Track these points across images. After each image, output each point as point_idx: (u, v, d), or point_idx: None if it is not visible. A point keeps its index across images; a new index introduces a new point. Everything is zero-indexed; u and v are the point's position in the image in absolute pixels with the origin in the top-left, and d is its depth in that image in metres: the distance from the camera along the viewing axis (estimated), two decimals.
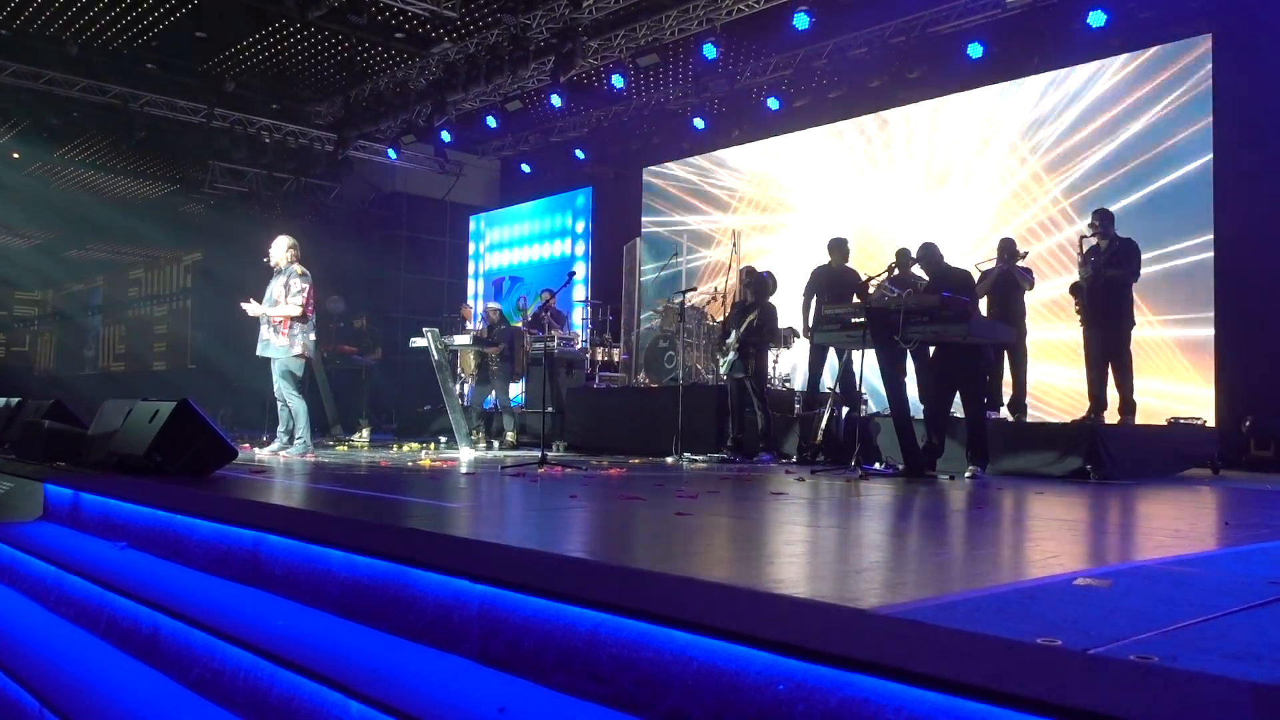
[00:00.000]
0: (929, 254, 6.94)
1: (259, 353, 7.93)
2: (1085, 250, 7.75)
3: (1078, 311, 7.89)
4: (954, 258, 7.47)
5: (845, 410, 8.02)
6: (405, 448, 10.06)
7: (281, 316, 7.76)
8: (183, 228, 18.02)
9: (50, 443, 5.80)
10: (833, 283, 8.67)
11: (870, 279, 7.02)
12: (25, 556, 4.21)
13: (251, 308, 7.87)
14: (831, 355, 8.85)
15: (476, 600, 2.25)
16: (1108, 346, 7.65)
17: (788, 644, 1.61)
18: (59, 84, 12.93)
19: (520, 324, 11.65)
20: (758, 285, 8.69)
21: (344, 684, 2.12)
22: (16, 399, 7.31)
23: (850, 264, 8.98)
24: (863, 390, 7.66)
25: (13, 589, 4.19)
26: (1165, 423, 8.58)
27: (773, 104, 12.59)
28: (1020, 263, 8.32)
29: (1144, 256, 7.82)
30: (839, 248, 8.95)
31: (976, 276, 7.75)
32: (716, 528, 3.75)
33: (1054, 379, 9.74)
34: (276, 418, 8.03)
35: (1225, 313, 8.91)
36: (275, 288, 7.91)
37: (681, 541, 3.29)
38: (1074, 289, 7.89)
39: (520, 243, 16.90)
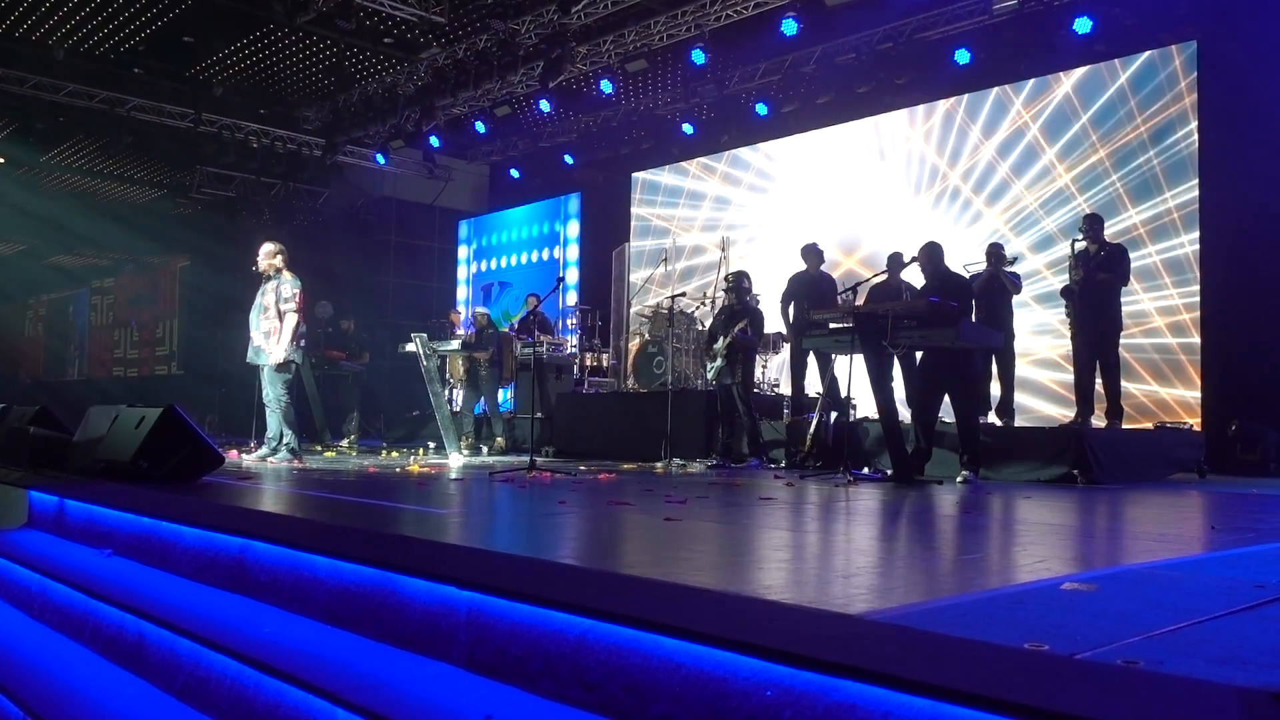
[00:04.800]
0: (931, 254, 6.86)
1: (249, 359, 7.89)
2: (1075, 255, 7.80)
3: (1067, 315, 7.93)
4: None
5: (834, 415, 8.03)
6: (393, 453, 10.03)
7: (272, 327, 7.71)
8: (170, 233, 17.94)
9: (35, 449, 5.76)
10: (811, 289, 8.77)
11: (858, 285, 7.03)
12: (9, 564, 4.18)
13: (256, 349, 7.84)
14: (812, 360, 8.88)
15: (464, 606, 2.24)
16: (1096, 350, 7.69)
17: (776, 650, 1.61)
18: (45, 88, 12.88)
19: (508, 329, 11.64)
20: (742, 290, 8.70)
21: (330, 691, 2.11)
22: (1, 405, 7.26)
23: (824, 268, 9.13)
24: (850, 395, 7.67)
25: None
26: (1152, 427, 8.64)
27: (761, 109, 12.63)
28: (1007, 268, 8.36)
29: (1131, 262, 7.87)
30: (813, 252, 9.04)
31: None
32: (705, 533, 3.74)
33: (1042, 383, 9.78)
34: (264, 423, 7.99)
35: (1212, 318, 8.96)
36: (265, 294, 7.87)
37: (670, 547, 3.29)
38: (1065, 293, 7.93)
39: (509, 248, 16.88)
